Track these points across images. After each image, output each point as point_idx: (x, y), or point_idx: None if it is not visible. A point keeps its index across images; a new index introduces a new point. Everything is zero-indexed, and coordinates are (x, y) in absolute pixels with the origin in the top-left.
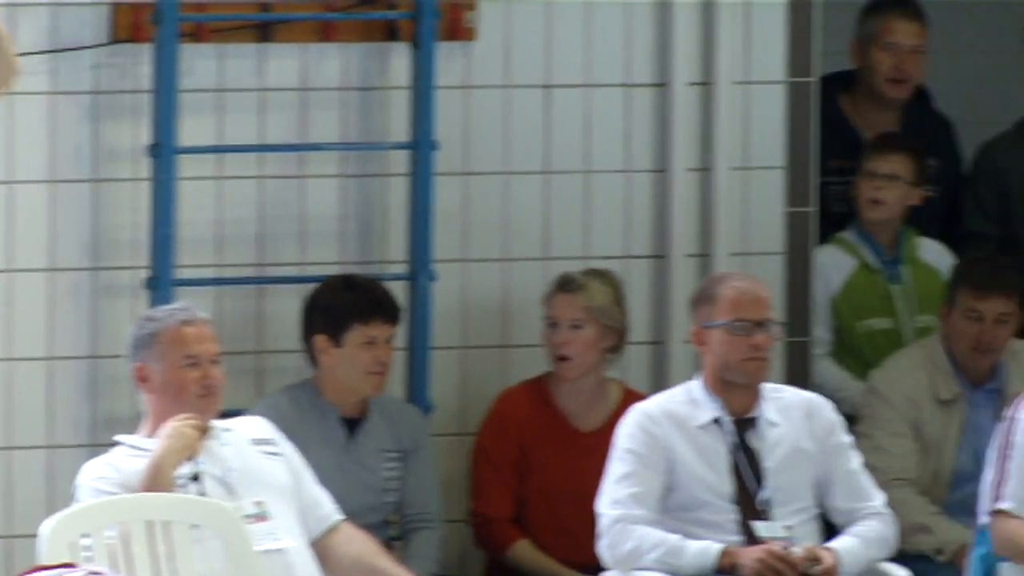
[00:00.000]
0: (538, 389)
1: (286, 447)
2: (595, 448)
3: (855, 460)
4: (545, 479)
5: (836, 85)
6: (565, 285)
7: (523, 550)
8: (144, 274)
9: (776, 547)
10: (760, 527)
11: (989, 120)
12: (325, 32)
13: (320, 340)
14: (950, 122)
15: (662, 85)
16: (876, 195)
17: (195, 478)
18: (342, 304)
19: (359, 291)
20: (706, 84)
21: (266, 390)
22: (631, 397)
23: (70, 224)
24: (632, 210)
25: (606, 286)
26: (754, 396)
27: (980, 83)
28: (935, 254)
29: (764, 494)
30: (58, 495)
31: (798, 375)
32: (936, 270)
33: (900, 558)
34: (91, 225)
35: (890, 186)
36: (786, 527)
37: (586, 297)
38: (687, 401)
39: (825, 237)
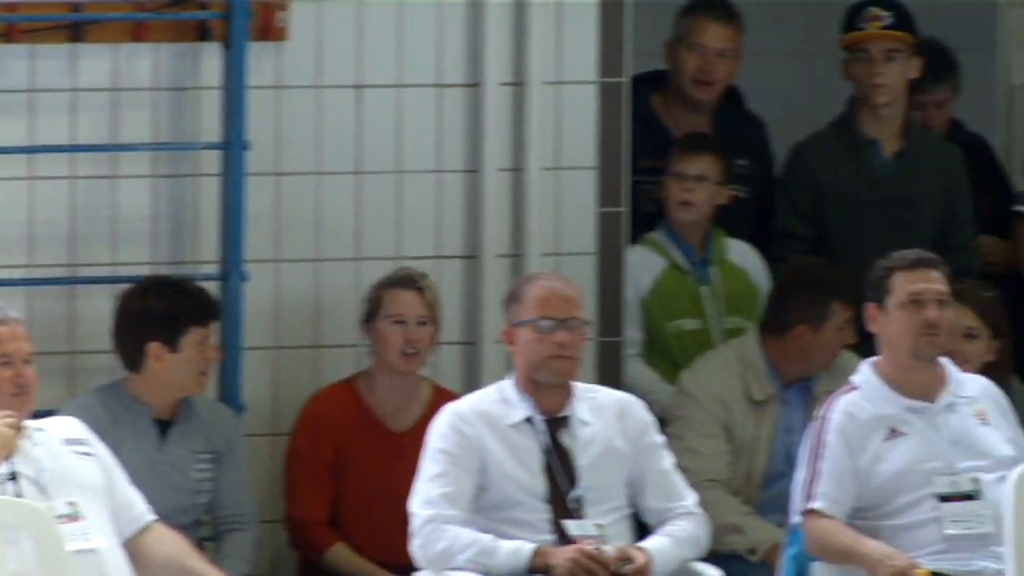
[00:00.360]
0: (350, 389)
1: (99, 447)
2: (408, 448)
3: (667, 460)
4: (359, 479)
5: (648, 85)
6: (409, 282)
7: (339, 554)
8: None
9: (588, 546)
10: (571, 526)
11: (803, 120)
12: (137, 32)
13: (155, 347)
14: (762, 122)
15: (474, 85)
16: (685, 196)
17: (12, 477)
18: (176, 309)
19: (187, 295)
20: (518, 84)
21: (78, 390)
22: (442, 396)
23: None
24: (444, 210)
25: (432, 285)
26: (566, 395)
27: (795, 84)
28: (743, 255)
29: (576, 493)
30: None
31: (610, 375)
32: (744, 271)
33: (713, 558)
34: None
35: (698, 187)
36: (597, 526)
37: (430, 294)
38: (499, 400)
39: (638, 237)
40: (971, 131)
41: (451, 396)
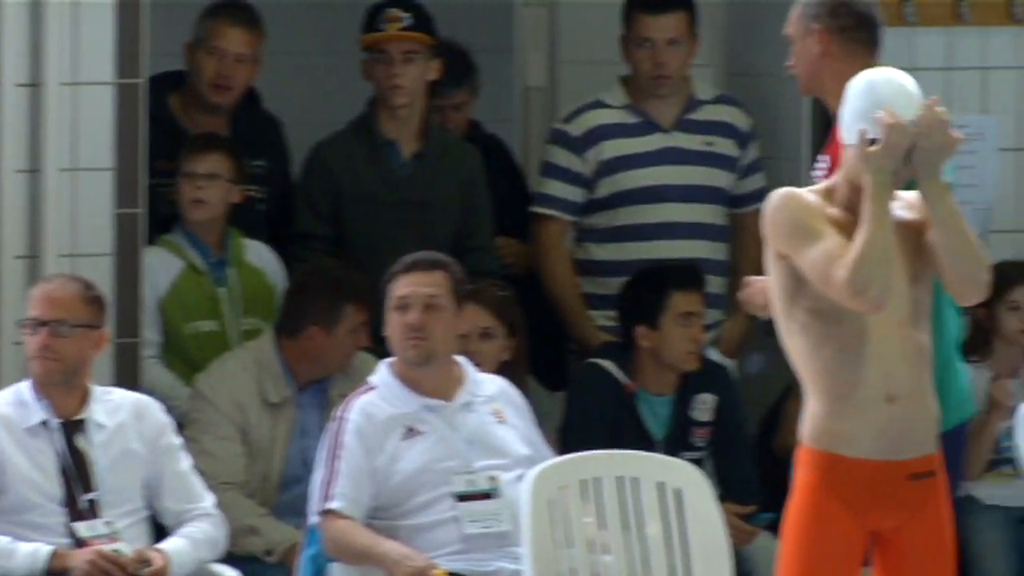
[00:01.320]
0: None
1: None
2: None
3: (185, 462)
4: None
5: (166, 86)
6: None
7: None
8: None
9: (105, 548)
10: (81, 528)
11: (323, 121)
12: None
13: None
14: (279, 122)
15: None
16: (196, 194)
17: None
18: None
19: None
20: (35, 86)
21: None
22: None
23: None
24: None
25: None
26: (82, 398)
27: (314, 84)
28: (261, 256)
29: (89, 496)
30: None
31: (127, 377)
32: (262, 272)
33: (230, 559)
34: None
35: (209, 185)
36: (107, 524)
37: None
38: (16, 403)
39: (156, 239)
40: (489, 132)
41: None
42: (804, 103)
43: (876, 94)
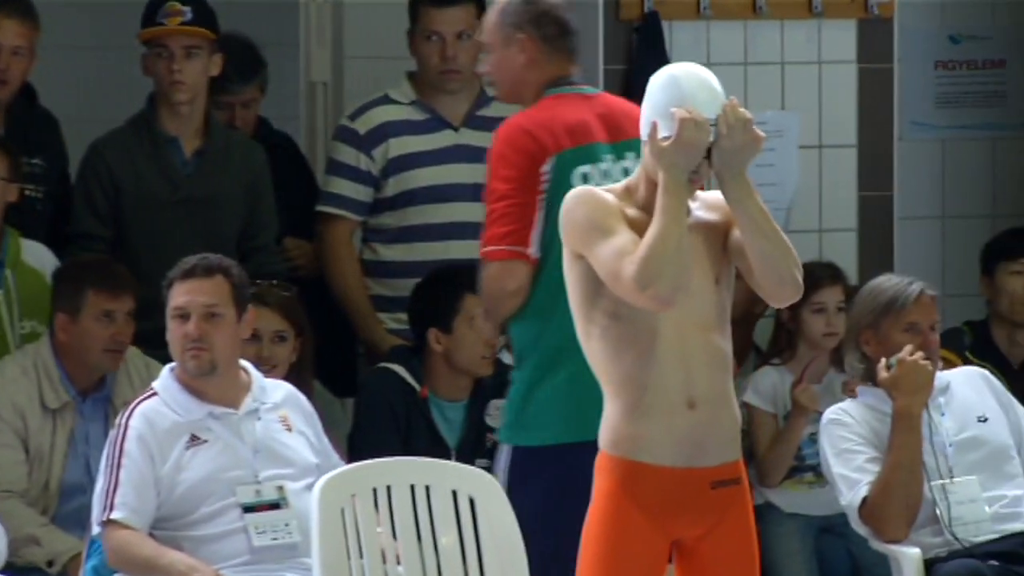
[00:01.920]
0: None
1: None
2: None
3: None
4: None
5: None
6: None
7: None
8: None
9: None
10: None
11: (102, 118)
12: None
13: None
14: (56, 120)
15: None
16: None
17: None
18: None
19: None
20: None
21: None
22: None
23: None
24: None
25: None
26: None
27: (92, 80)
28: (39, 256)
29: None
30: None
31: None
32: (40, 273)
33: (11, 570)
34: None
35: None
36: None
37: None
38: None
39: None
40: (278, 130)
41: None
42: None
43: (677, 89)
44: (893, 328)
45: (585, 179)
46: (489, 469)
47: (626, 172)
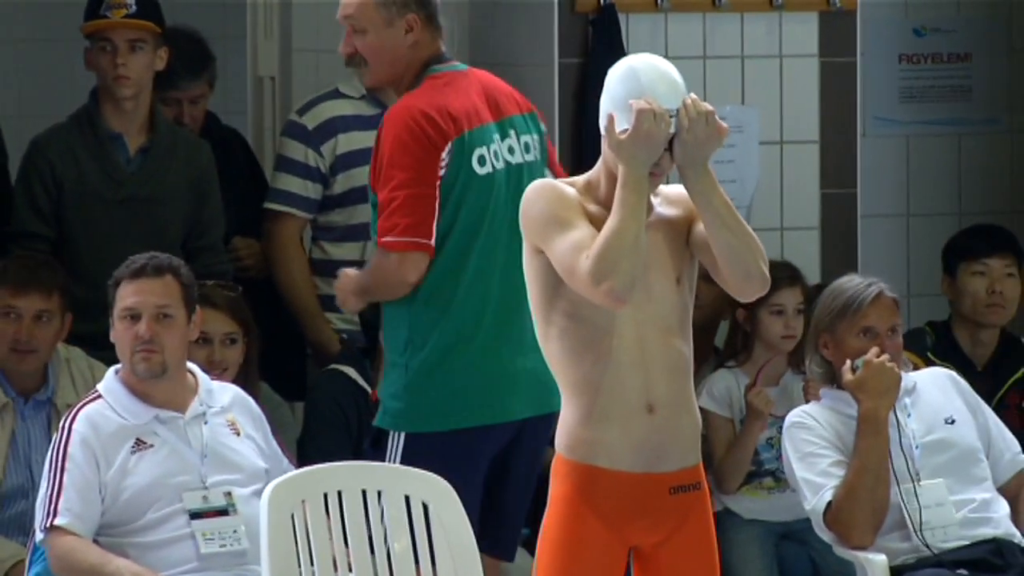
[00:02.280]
0: None
1: None
2: None
3: None
4: None
5: None
6: None
7: None
8: None
9: None
10: None
11: (42, 114)
12: None
13: None
14: None
15: None
16: None
17: None
18: None
19: None
20: None
21: None
22: None
23: None
24: None
25: None
26: None
27: (33, 75)
28: None
29: None
30: None
31: None
32: None
33: None
34: None
35: None
36: None
37: None
38: None
39: None
40: (226, 125)
41: None
42: (553, 91)
43: (636, 80)
44: (848, 332)
45: (482, 161)
46: None
47: (511, 151)
